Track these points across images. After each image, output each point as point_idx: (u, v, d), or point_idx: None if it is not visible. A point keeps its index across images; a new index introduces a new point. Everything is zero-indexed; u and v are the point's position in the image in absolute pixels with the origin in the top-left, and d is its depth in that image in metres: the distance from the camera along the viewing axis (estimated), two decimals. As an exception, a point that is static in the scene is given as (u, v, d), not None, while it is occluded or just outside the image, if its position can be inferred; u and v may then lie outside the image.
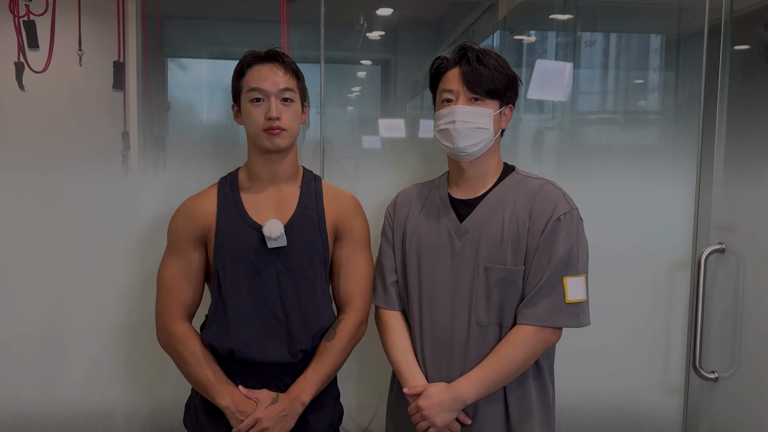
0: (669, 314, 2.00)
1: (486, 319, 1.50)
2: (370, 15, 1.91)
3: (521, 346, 1.47)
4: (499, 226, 1.51)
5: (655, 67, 1.99)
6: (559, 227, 1.46)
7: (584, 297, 1.48)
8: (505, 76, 1.50)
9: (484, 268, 1.50)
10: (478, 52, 1.49)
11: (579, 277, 1.47)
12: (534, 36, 1.96)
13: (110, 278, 1.87)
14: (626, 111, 1.99)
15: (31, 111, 1.81)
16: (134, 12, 1.83)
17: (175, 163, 1.87)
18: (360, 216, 1.66)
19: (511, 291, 1.50)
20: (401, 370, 1.57)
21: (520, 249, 1.49)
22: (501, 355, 1.48)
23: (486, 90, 1.48)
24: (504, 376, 1.48)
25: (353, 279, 1.62)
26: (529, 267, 1.48)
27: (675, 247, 1.98)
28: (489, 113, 1.49)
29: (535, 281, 1.47)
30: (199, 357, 1.55)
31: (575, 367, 1.90)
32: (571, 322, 1.47)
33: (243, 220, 1.56)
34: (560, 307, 1.46)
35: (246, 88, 1.53)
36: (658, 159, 1.96)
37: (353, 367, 1.96)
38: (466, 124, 1.48)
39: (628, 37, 2.01)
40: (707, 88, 1.91)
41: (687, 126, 1.94)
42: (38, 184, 1.83)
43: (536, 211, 1.49)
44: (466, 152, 1.50)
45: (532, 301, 1.47)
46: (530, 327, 1.47)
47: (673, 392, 2.02)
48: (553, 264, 1.45)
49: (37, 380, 1.88)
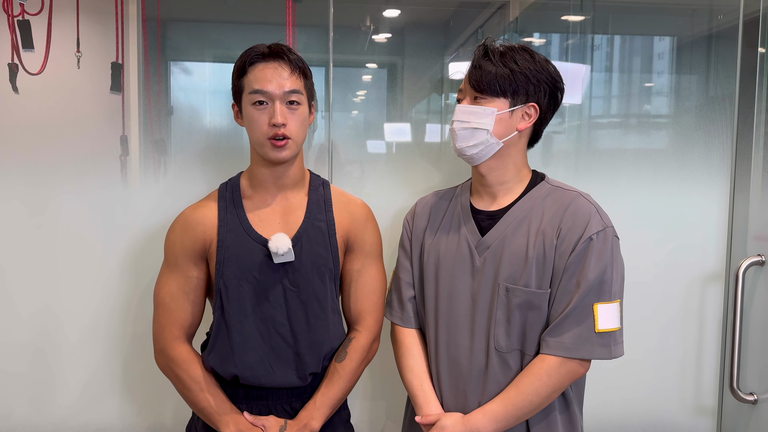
0: (700, 330, 1.90)
1: (506, 345, 1.38)
2: (377, 17, 1.86)
3: (544, 379, 1.33)
4: (523, 243, 1.38)
5: (681, 69, 1.90)
6: (591, 248, 1.33)
7: (617, 325, 1.34)
8: (520, 71, 1.36)
9: (505, 288, 1.38)
10: (490, 48, 1.39)
11: (612, 304, 1.33)
12: (543, 38, 1.93)
13: (107, 291, 1.80)
14: (651, 114, 1.90)
15: (25, 114, 1.74)
16: (135, 14, 1.77)
17: (177, 168, 1.81)
18: (372, 226, 1.56)
19: (534, 315, 1.37)
20: (415, 395, 1.46)
21: (545, 270, 1.36)
22: (522, 388, 1.35)
23: (487, 87, 1.37)
24: (525, 410, 1.35)
25: (365, 294, 1.52)
26: (555, 290, 1.35)
27: (706, 259, 1.88)
28: (490, 112, 1.37)
29: (562, 307, 1.34)
30: (200, 382, 1.45)
31: (600, 386, 1.82)
32: (601, 354, 1.33)
33: (247, 233, 1.45)
34: (589, 337, 1.32)
35: (248, 90, 1.41)
36: (687, 164, 1.86)
37: (365, 383, 1.89)
38: (463, 124, 1.38)
39: (644, 39, 1.94)
40: (742, 88, 1.82)
41: (719, 128, 1.85)
42: (31, 190, 1.75)
43: (565, 228, 1.35)
44: (465, 154, 1.41)
45: (558, 329, 1.34)
46: (555, 358, 1.34)
47: (705, 413, 1.92)
48: (583, 289, 1.32)
49: (30, 396, 1.80)
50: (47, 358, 1.80)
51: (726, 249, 1.88)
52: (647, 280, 1.87)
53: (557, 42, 1.93)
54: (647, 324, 1.89)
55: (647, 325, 1.89)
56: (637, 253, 1.83)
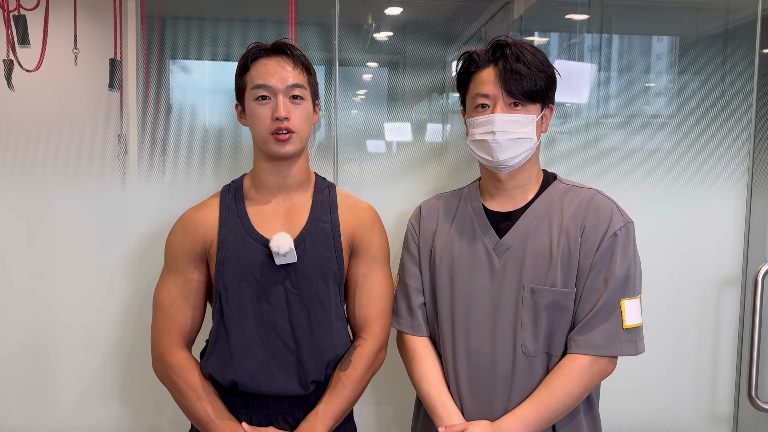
0: (716, 336, 1.87)
1: (533, 348, 1.35)
2: (379, 15, 1.84)
3: (576, 379, 1.31)
4: (545, 242, 1.35)
5: (693, 69, 1.86)
6: (616, 244, 1.32)
7: (641, 321, 1.34)
8: (545, 73, 1.33)
9: (530, 290, 1.34)
10: (515, 48, 1.32)
11: (636, 299, 1.34)
12: (547, 36, 1.91)
13: (105, 294, 1.76)
14: (662, 114, 1.86)
15: (21, 112, 1.70)
16: (133, 10, 1.73)
17: (177, 167, 1.77)
18: (378, 229, 1.51)
19: (561, 316, 1.34)
20: (433, 406, 1.40)
21: (571, 268, 1.33)
22: (553, 389, 1.32)
23: (527, 93, 1.32)
24: (557, 412, 1.32)
25: (371, 300, 1.47)
26: (581, 288, 1.34)
27: (722, 263, 1.84)
28: (531, 120, 1.33)
29: (590, 305, 1.32)
30: (198, 390, 1.40)
31: (614, 393, 1.79)
32: (629, 350, 1.33)
33: (248, 233, 1.41)
34: (618, 334, 1.32)
35: (251, 85, 1.38)
36: (701, 164, 1.82)
37: (371, 388, 1.85)
38: (507, 135, 1.32)
39: (659, 37, 1.90)
40: (760, 86, 1.77)
41: (736, 128, 1.80)
42: (27, 190, 1.71)
43: (589, 225, 1.33)
44: (506, 165, 1.36)
45: (587, 327, 1.32)
46: (586, 357, 1.32)
47: (720, 422, 1.89)
48: (611, 285, 1.31)
49: (26, 400, 1.77)
50: (44, 362, 1.76)
51: (743, 253, 1.84)
52: (661, 284, 1.84)
53: (561, 41, 1.92)
54: (661, 329, 1.85)
55: (661, 331, 1.85)
56: (651, 255, 1.79)
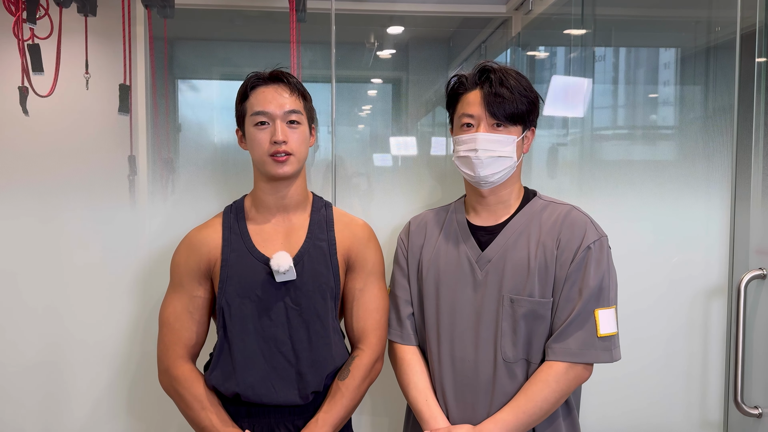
0: (705, 344, 1.90)
1: (513, 355, 1.43)
2: (381, 34, 1.88)
3: (552, 385, 1.38)
4: (524, 254, 1.43)
5: (682, 80, 1.90)
6: (590, 256, 1.40)
7: (615, 330, 1.41)
8: (527, 98, 1.43)
9: (509, 300, 1.42)
10: (500, 74, 1.42)
11: (610, 309, 1.41)
12: (546, 52, 1.94)
13: (116, 311, 1.81)
14: (650, 126, 1.90)
15: (35, 135, 1.76)
16: (142, 34, 1.79)
17: (185, 186, 1.82)
18: (374, 245, 1.57)
19: (539, 324, 1.42)
20: (420, 411, 1.48)
21: (548, 279, 1.41)
22: (531, 395, 1.39)
23: (509, 115, 1.42)
24: (535, 417, 1.39)
25: (367, 313, 1.53)
26: (557, 299, 1.41)
27: (710, 272, 1.88)
28: (512, 140, 1.43)
29: (565, 314, 1.40)
30: (202, 400, 1.46)
31: (604, 401, 1.82)
32: (604, 357, 1.40)
33: (249, 252, 1.48)
34: (592, 342, 1.39)
35: (250, 112, 1.47)
36: (689, 176, 1.86)
37: (367, 399, 1.89)
38: (488, 152, 1.42)
39: (648, 50, 1.95)
40: (741, 100, 1.81)
41: (720, 140, 1.84)
42: (41, 211, 1.77)
43: (564, 239, 1.42)
44: (487, 181, 1.45)
45: (563, 335, 1.40)
46: (562, 363, 1.39)
47: (710, 428, 1.91)
48: (585, 296, 1.39)
49: (39, 415, 1.81)
50: (56, 378, 1.81)
51: (728, 262, 1.88)
52: (651, 294, 1.87)
53: (560, 56, 1.95)
54: (651, 338, 1.88)
55: (651, 339, 1.88)
56: (641, 266, 1.84)
